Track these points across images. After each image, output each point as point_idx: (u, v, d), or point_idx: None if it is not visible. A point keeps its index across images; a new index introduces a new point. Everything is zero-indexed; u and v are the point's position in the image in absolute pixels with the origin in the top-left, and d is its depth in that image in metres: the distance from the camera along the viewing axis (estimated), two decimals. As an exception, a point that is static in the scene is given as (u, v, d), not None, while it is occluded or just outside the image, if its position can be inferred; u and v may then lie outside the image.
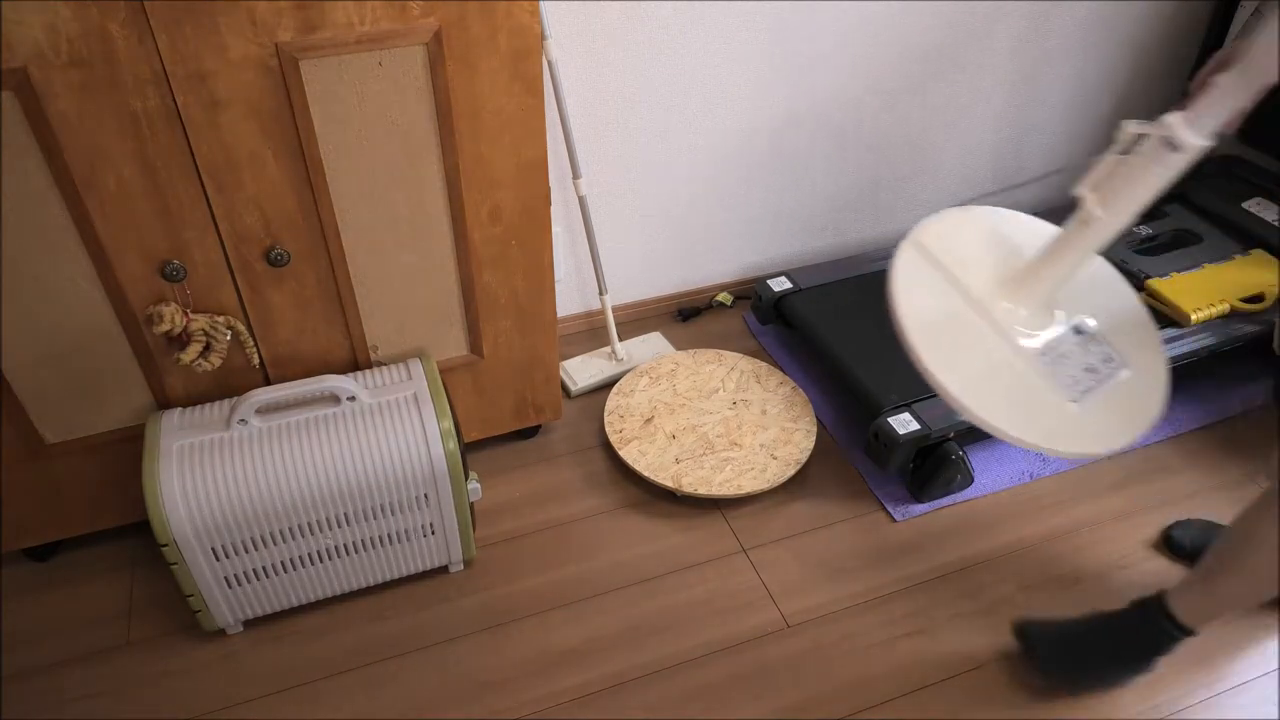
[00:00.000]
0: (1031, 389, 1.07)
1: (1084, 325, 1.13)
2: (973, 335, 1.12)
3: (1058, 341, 1.12)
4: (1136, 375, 1.11)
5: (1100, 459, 1.22)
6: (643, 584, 1.49)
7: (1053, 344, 1.11)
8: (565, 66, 1.66)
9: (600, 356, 1.91)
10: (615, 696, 1.33)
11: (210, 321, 1.29)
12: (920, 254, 1.19)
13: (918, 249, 1.19)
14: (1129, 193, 1.04)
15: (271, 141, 1.19)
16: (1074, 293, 1.15)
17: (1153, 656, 1.29)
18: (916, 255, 1.19)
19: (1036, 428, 1.04)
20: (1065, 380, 1.08)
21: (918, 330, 1.11)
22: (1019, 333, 1.11)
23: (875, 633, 1.42)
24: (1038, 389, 1.07)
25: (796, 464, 1.64)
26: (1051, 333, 1.12)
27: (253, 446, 1.27)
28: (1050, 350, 1.11)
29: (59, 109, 1.08)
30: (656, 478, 1.61)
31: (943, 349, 1.09)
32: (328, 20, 1.13)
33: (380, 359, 1.46)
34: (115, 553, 1.53)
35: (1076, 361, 1.11)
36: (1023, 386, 1.07)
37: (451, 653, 1.39)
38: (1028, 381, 1.07)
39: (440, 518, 1.39)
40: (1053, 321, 1.13)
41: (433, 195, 1.32)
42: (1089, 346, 1.12)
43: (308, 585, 1.38)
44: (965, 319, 1.12)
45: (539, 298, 1.51)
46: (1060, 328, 1.13)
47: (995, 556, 1.53)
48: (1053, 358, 1.10)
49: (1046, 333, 1.11)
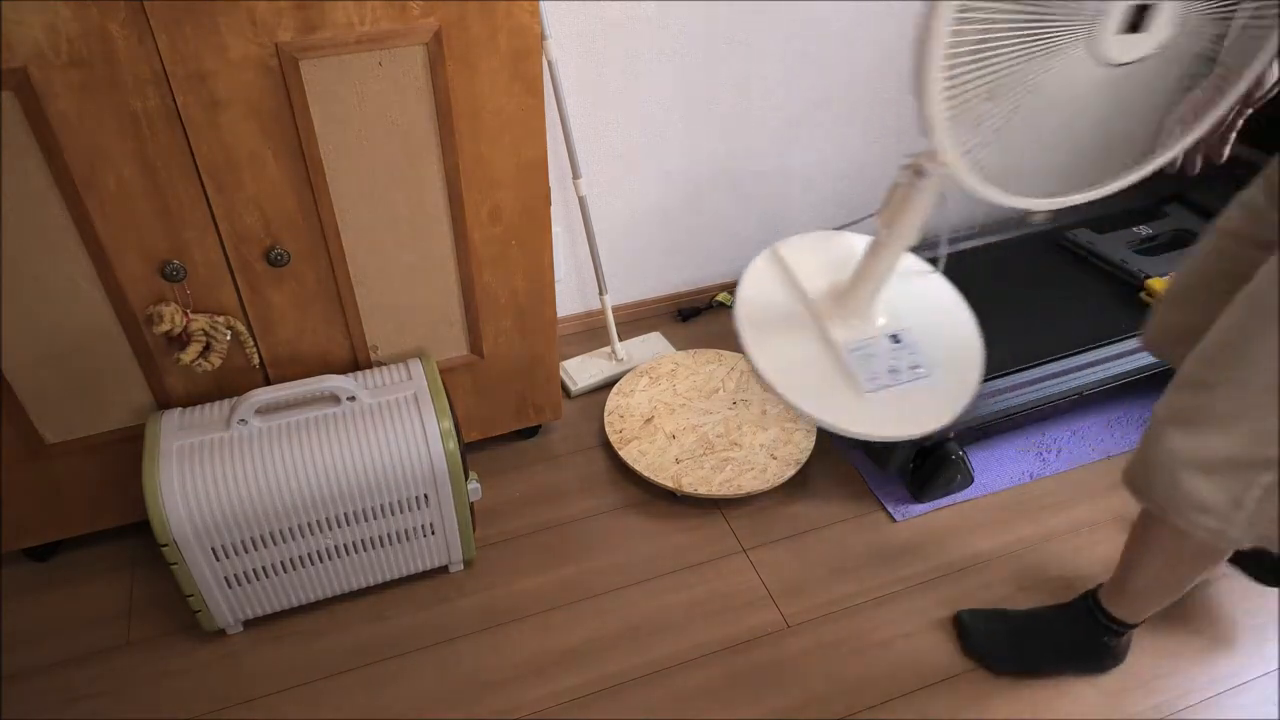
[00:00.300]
0: (833, 377, 1.24)
1: (901, 335, 1.29)
2: (796, 328, 1.30)
3: (868, 342, 1.28)
4: (936, 387, 1.26)
5: (889, 440, 1.39)
6: (643, 584, 1.49)
7: (863, 343, 1.28)
8: (565, 66, 1.66)
9: (600, 356, 1.91)
10: (615, 696, 1.33)
11: (210, 321, 1.29)
12: (774, 260, 1.37)
13: (774, 256, 1.37)
14: (903, 215, 1.18)
15: (271, 141, 1.19)
16: (921, 312, 1.33)
17: (1094, 647, 1.31)
18: (771, 260, 1.37)
19: (826, 407, 1.22)
20: (866, 374, 1.24)
21: (747, 318, 1.31)
22: (837, 331, 1.28)
23: (875, 633, 1.42)
24: (838, 378, 1.24)
25: (796, 464, 1.64)
26: (866, 334, 1.28)
27: (253, 446, 1.27)
28: (860, 348, 1.27)
29: (59, 109, 1.08)
30: (656, 478, 1.61)
31: (764, 335, 1.29)
32: (328, 20, 1.13)
33: (380, 359, 1.46)
34: (115, 553, 1.53)
35: (881, 362, 1.26)
36: (826, 374, 1.25)
37: (451, 653, 1.39)
38: (831, 371, 1.25)
39: (440, 518, 1.39)
40: (873, 327, 1.30)
41: (433, 195, 1.32)
42: (898, 352, 1.27)
43: (308, 585, 1.38)
44: (793, 314, 1.31)
45: (539, 298, 1.51)
46: (877, 332, 1.29)
47: (995, 556, 1.53)
48: (861, 355, 1.27)
49: (863, 334, 1.28)
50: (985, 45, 0.95)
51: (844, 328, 1.29)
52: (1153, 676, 1.36)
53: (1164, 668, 1.37)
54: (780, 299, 1.33)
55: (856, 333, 1.29)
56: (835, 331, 1.28)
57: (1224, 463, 1.01)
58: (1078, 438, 1.75)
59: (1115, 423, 1.78)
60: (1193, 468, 1.02)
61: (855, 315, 1.30)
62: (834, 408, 1.23)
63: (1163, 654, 1.39)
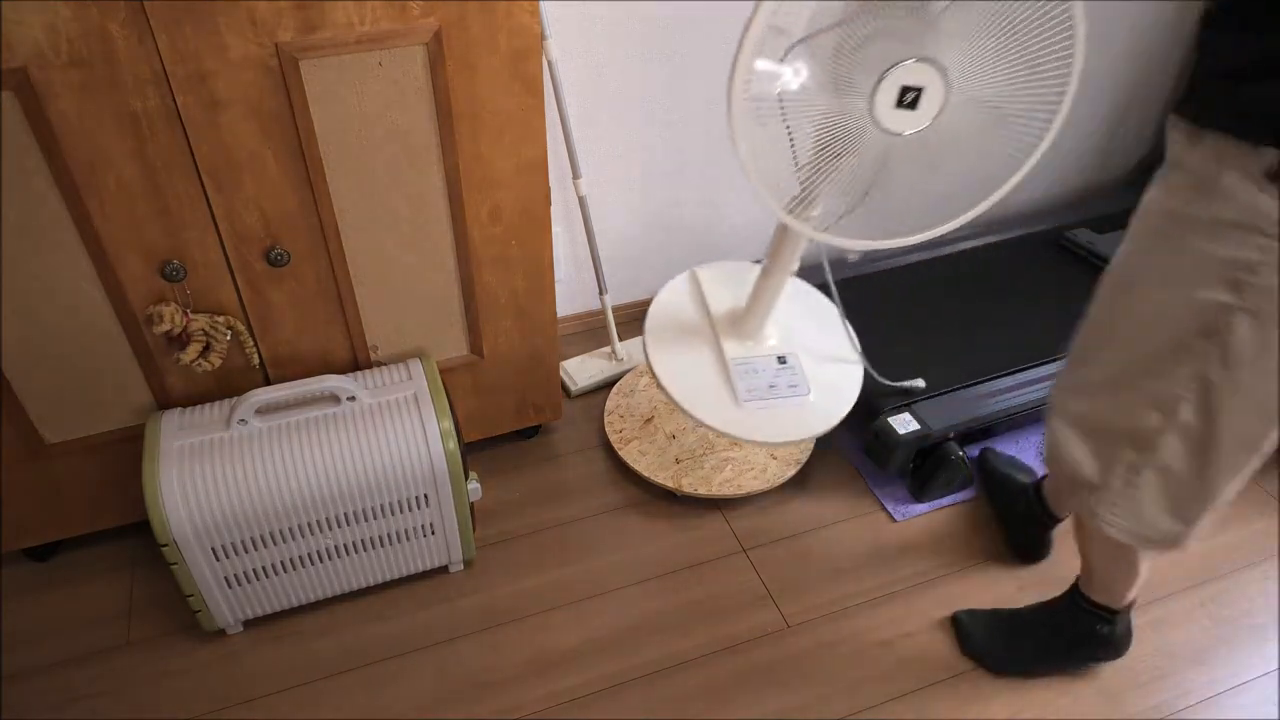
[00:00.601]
0: (717, 385, 1.41)
1: (788, 357, 1.45)
2: (696, 340, 1.48)
3: (754, 359, 1.44)
4: (809, 406, 1.42)
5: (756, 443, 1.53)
6: (643, 584, 1.49)
7: (749, 360, 1.44)
8: (565, 66, 1.66)
9: (600, 356, 1.91)
10: (615, 696, 1.33)
11: (210, 321, 1.29)
12: (692, 280, 1.56)
13: (692, 277, 1.56)
14: (776, 251, 1.38)
15: (271, 141, 1.19)
16: (817, 341, 1.52)
17: (1090, 637, 1.32)
18: (689, 280, 1.56)
19: (703, 408, 1.40)
20: (744, 387, 1.40)
21: (654, 329, 1.50)
22: (730, 347, 1.45)
23: (875, 633, 1.42)
24: (722, 387, 1.41)
25: (796, 464, 1.64)
26: (755, 353, 1.45)
27: (253, 446, 1.27)
28: (746, 364, 1.43)
29: (59, 109, 1.08)
30: (656, 478, 1.61)
31: (666, 342, 1.47)
32: (328, 20, 1.13)
33: (380, 359, 1.46)
34: (115, 553, 1.53)
35: (763, 378, 1.42)
36: (711, 382, 1.41)
37: (451, 653, 1.39)
38: (716, 380, 1.42)
39: (440, 518, 1.39)
40: (763, 347, 1.46)
41: (433, 195, 1.32)
42: (781, 372, 1.43)
43: (308, 585, 1.38)
44: (696, 329, 1.50)
45: (539, 298, 1.51)
46: (767, 352, 1.46)
47: (995, 556, 1.53)
48: (745, 369, 1.43)
49: (752, 353, 1.44)
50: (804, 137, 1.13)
51: (736, 345, 1.45)
52: (1153, 676, 1.36)
53: (1164, 668, 1.37)
54: (689, 314, 1.51)
55: (746, 351, 1.45)
56: (728, 347, 1.44)
57: (1096, 428, 1.07)
58: (1078, 438, 1.75)
59: (1115, 423, 1.77)
60: (1072, 429, 1.09)
61: (748, 336, 1.46)
62: (711, 411, 1.39)
63: (1163, 654, 1.39)
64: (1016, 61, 1.05)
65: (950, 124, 1.09)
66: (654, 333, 1.50)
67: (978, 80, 1.06)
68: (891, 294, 1.90)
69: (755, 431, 1.38)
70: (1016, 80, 1.06)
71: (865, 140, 1.10)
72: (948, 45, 1.03)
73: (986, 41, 1.04)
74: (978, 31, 1.03)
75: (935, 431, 1.56)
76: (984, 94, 1.07)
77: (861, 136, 1.09)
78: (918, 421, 1.57)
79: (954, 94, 1.06)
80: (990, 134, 1.11)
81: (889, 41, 1.04)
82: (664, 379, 1.43)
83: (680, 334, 1.49)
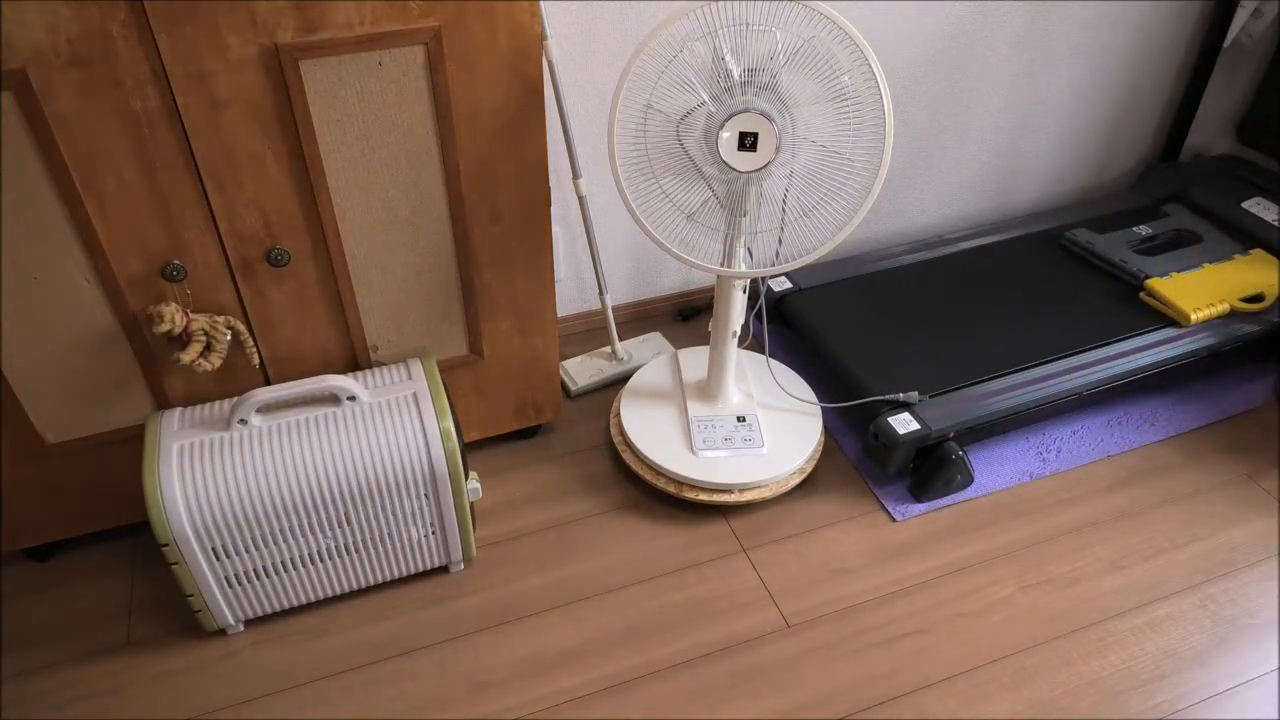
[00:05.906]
0: (678, 436, 1.63)
1: (748, 417, 1.65)
2: (665, 402, 1.70)
3: (714, 417, 1.65)
4: (762, 458, 1.60)
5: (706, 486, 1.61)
6: (643, 584, 1.49)
7: (710, 417, 1.65)
8: (565, 66, 1.66)
9: (600, 356, 1.91)
10: (615, 696, 1.34)
11: (210, 321, 1.29)
12: (672, 359, 1.80)
13: (673, 358, 1.80)
14: (720, 316, 1.57)
15: (271, 141, 1.19)
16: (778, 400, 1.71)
17: None
18: (670, 359, 1.81)
19: (661, 453, 1.60)
20: (700, 438, 1.61)
21: (631, 390, 1.74)
22: (694, 407, 1.67)
23: (875, 633, 1.42)
24: (682, 437, 1.63)
25: (801, 473, 1.64)
26: (717, 412, 1.66)
27: (253, 446, 1.27)
28: (706, 420, 1.64)
29: (58, 109, 1.08)
30: (658, 481, 1.61)
31: (639, 402, 1.71)
32: (328, 20, 1.13)
33: (380, 359, 1.46)
34: (115, 553, 1.53)
35: (719, 433, 1.62)
36: (672, 434, 1.64)
37: (451, 653, 1.39)
38: (678, 432, 1.64)
39: (440, 518, 1.39)
40: (726, 408, 1.67)
41: (433, 195, 1.33)
42: (739, 428, 1.63)
43: (308, 585, 1.38)
44: (667, 393, 1.72)
45: (539, 298, 1.51)
46: (728, 412, 1.66)
47: (995, 556, 1.54)
48: (704, 424, 1.64)
49: (713, 412, 1.66)
50: None
51: (701, 406, 1.68)
52: (1153, 676, 1.36)
53: (1164, 668, 1.37)
54: (664, 383, 1.75)
55: (709, 410, 1.66)
56: (692, 406, 1.67)
57: None
58: (1078, 438, 1.75)
59: (1115, 423, 1.78)
60: None
61: (711, 397, 1.68)
62: (668, 456, 1.59)
63: (1163, 654, 1.39)
64: (830, 114, 1.30)
65: (801, 162, 1.33)
66: (630, 394, 1.73)
67: (804, 127, 1.31)
68: (892, 293, 1.90)
69: (707, 475, 1.56)
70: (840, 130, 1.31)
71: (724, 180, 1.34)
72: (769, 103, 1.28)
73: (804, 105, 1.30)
74: (791, 99, 1.30)
75: (935, 431, 1.56)
76: (815, 137, 1.32)
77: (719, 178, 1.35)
78: (918, 421, 1.57)
79: (786, 137, 1.28)
80: (832, 167, 1.33)
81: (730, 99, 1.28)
82: (630, 431, 1.64)
83: (653, 397, 1.71)
